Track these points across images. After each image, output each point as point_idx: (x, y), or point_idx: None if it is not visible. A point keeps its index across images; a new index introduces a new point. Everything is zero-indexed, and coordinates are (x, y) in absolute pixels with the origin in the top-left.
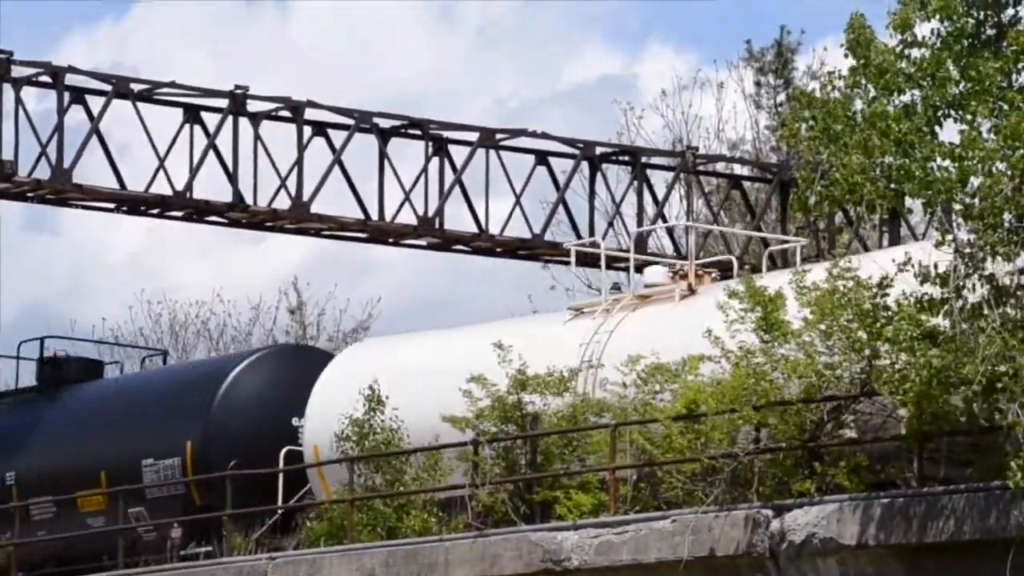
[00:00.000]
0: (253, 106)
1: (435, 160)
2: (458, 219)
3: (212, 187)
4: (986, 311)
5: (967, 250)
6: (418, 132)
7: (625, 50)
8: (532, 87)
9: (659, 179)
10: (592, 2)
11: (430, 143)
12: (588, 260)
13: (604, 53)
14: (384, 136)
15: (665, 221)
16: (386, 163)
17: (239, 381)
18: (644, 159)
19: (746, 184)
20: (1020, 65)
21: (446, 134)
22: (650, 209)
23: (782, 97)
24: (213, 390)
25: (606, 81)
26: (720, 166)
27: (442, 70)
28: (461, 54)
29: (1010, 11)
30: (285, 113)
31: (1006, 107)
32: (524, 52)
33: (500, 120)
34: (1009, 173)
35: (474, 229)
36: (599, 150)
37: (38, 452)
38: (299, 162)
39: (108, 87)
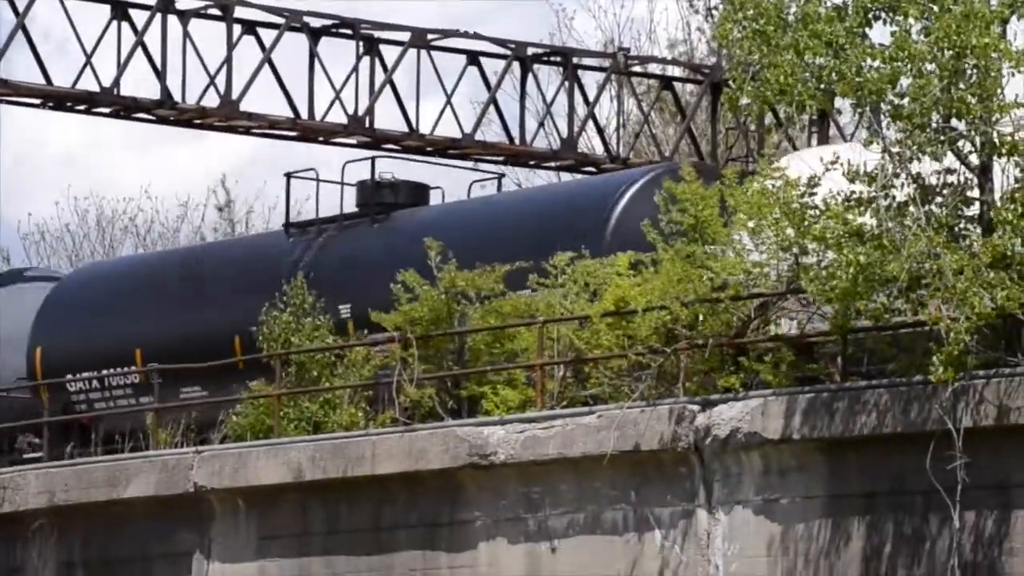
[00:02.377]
0: (182, 3)
1: (366, 60)
2: (390, 119)
3: (141, 85)
4: (912, 209)
5: (895, 150)
6: (349, 32)
7: None
8: None
9: (591, 80)
10: None
11: (361, 43)
12: (519, 160)
13: None
14: (315, 35)
15: (596, 122)
16: (316, 62)
17: (631, 209)
18: (576, 60)
19: (677, 85)
20: None
21: (377, 34)
22: (581, 110)
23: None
24: (603, 217)
25: None
26: (652, 67)
27: None
28: None
29: None
30: (215, 11)
31: (936, 9)
32: None
33: (446, 22)
34: (938, 74)
35: (405, 129)
36: (531, 51)
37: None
38: (228, 60)
39: None
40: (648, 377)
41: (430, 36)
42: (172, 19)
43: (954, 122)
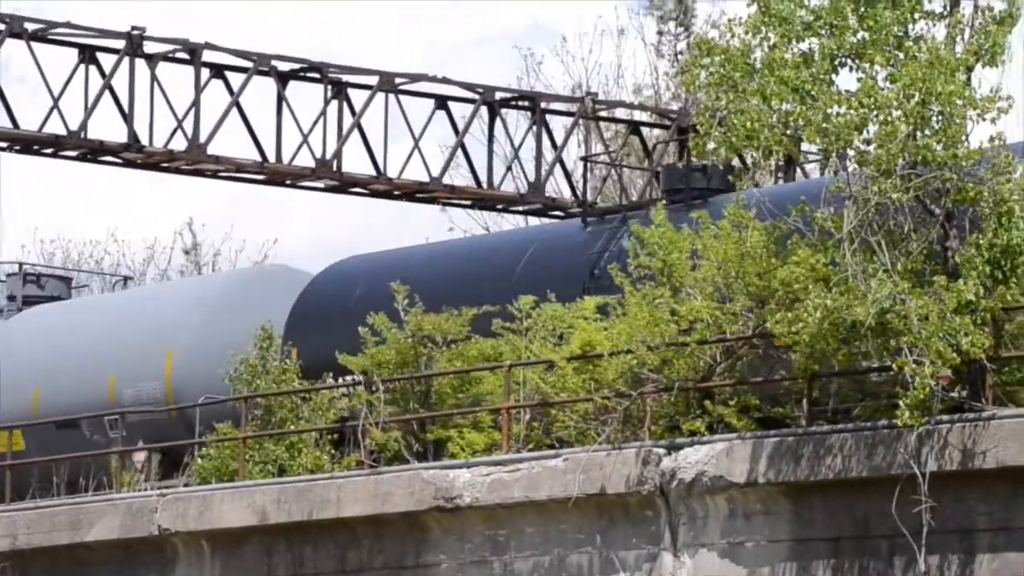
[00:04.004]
0: (150, 47)
1: (334, 103)
2: (358, 163)
3: (108, 128)
4: (877, 254)
5: (861, 195)
6: (317, 75)
7: None
8: (459, 32)
9: (559, 125)
10: None
11: (329, 86)
12: (486, 204)
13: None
14: (283, 79)
15: (563, 166)
16: (284, 106)
17: None
18: (544, 104)
19: (645, 130)
20: (916, 15)
21: (345, 78)
22: (549, 154)
23: (683, 45)
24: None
25: (533, 29)
26: (620, 112)
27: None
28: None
29: None
30: (183, 55)
31: (902, 56)
32: None
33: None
34: (904, 121)
35: (373, 172)
36: (499, 95)
37: None
38: (196, 104)
39: (2, 26)
40: (614, 420)
41: (398, 80)
42: (140, 63)
43: (920, 168)
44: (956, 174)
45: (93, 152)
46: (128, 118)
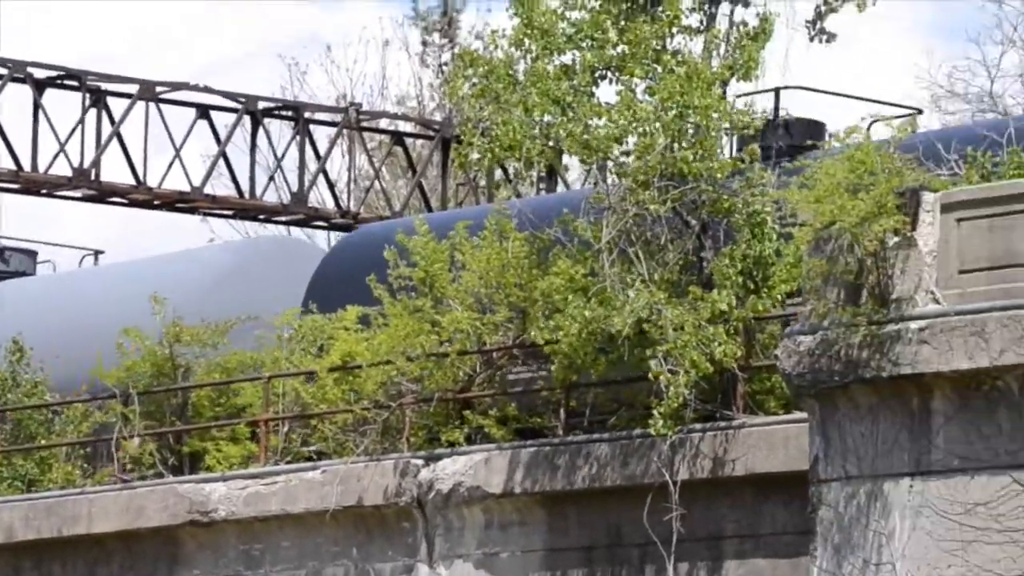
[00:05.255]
0: None
1: (93, 112)
2: (117, 172)
3: None
4: (635, 265)
5: (619, 206)
6: (75, 83)
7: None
8: (223, 42)
9: (322, 135)
10: None
11: (87, 94)
12: (247, 214)
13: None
14: (39, 86)
15: (327, 177)
16: (41, 114)
17: None
18: (307, 114)
19: (409, 141)
20: (674, 29)
21: (104, 86)
22: (312, 164)
23: (447, 56)
24: None
25: (299, 40)
26: (384, 123)
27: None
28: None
29: None
30: None
31: (660, 70)
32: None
33: (176, 75)
34: (662, 133)
35: (132, 182)
36: (262, 105)
37: None
38: None
39: None
40: (372, 432)
41: (159, 89)
42: None
43: (677, 180)
44: (711, 186)
45: None
46: None
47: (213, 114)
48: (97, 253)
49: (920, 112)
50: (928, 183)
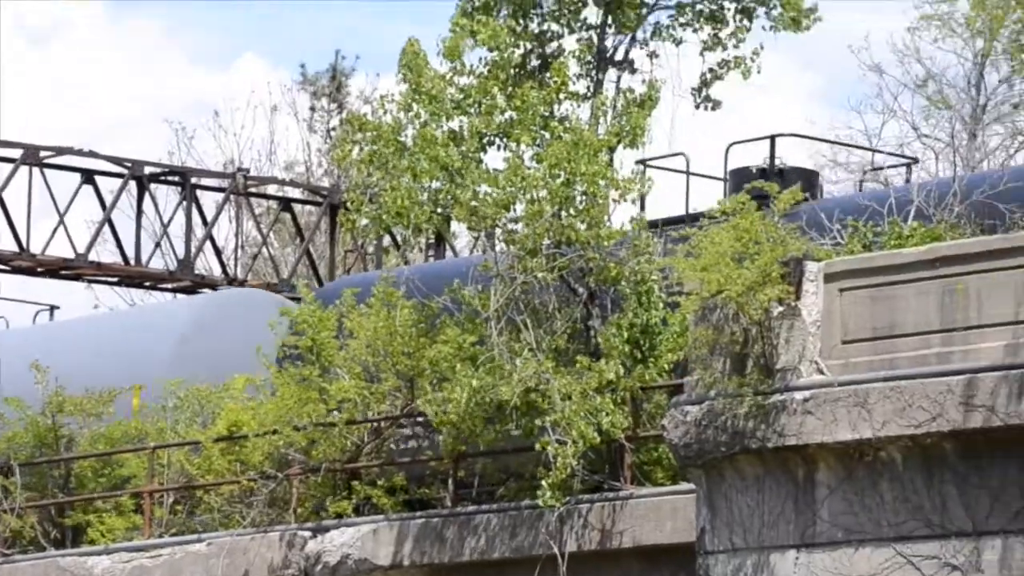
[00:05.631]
0: None
1: None
2: (1, 239)
3: None
4: (523, 333)
5: (507, 274)
6: None
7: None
8: (109, 106)
9: (210, 201)
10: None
11: None
12: (133, 281)
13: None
14: None
15: (214, 243)
16: None
17: None
18: (194, 180)
19: (297, 207)
20: (562, 96)
21: None
22: (199, 230)
23: (336, 121)
24: None
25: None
26: (271, 188)
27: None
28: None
29: (554, 44)
30: None
31: (548, 136)
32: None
33: (60, 139)
34: (550, 200)
35: (15, 248)
36: (148, 170)
37: None
38: None
39: None
40: (259, 503)
41: (43, 153)
42: None
43: (565, 248)
44: (598, 254)
45: None
46: None
47: (98, 179)
48: (53, 308)
49: (916, 161)
50: (812, 252)
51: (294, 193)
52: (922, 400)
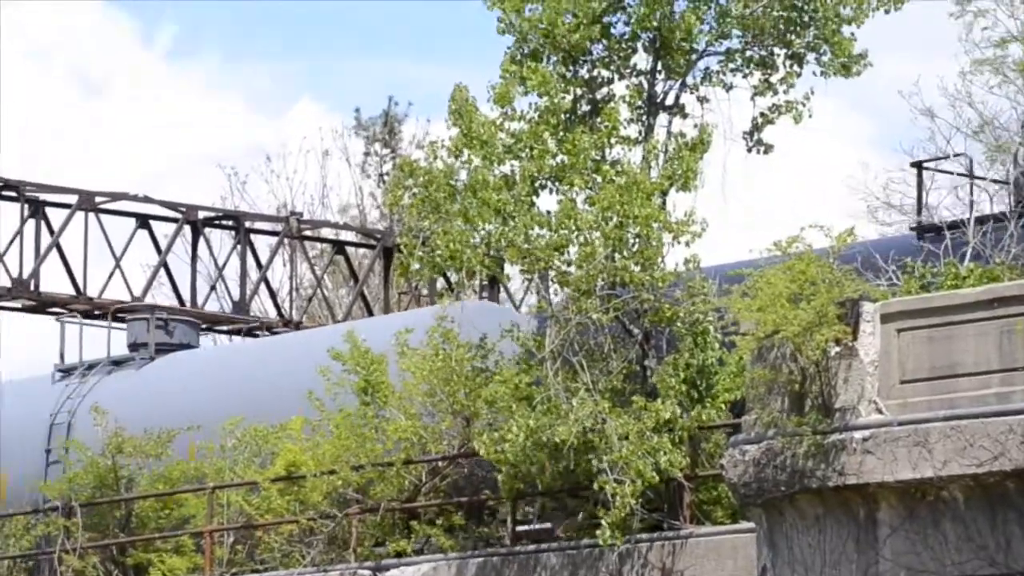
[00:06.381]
0: None
1: (31, 222)
2: (57, 282)
3: None
4: (579, 374)
5: (562, 315)
6: (14, 194)
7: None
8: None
9: (264, 244)
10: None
11: (26, 205)
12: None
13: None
14: None
15: (269, 286)
16: None
17: None
18: (248, 224)
19: (350, 250)
20: (613, 140)
21: (43, 196)
22: (254, 273)
23: (389, 166)
24: None
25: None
26: (325, 232)
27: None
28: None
29: (604, 89)
30: None
31: (600, 180)
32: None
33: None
34: (602, 242)
35: (72, 292)
36: (202, 214)
37: None
38: None
39: None
40: (319, 542)
41: (98, 199)
42: None
43: (619, 289)
44: (653, 295)
45: None
46: None
47: (153, 224)
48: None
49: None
50: (868, 293)
51: (348, 236)
52: (983, 439)
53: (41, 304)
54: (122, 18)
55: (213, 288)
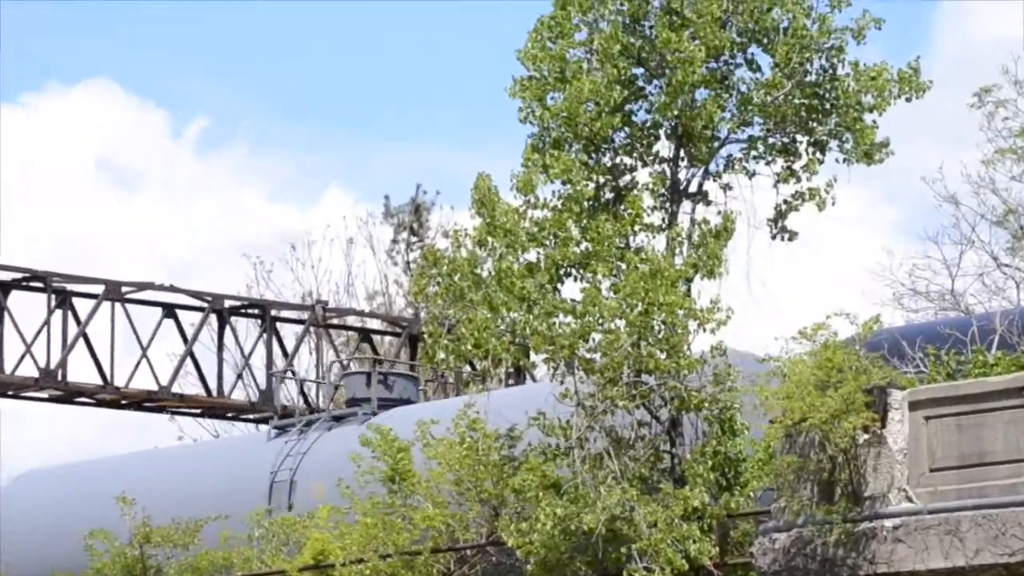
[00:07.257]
0: None
1: (58, 313)
2: (84, 372)
3: None
4: (606, 461)
5: (588, 403)
6: (40, 285)
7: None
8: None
9: (289, 332)
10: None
11: (53, 295)
12: (216, 413)
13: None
14: (4, 289)
15: (294, 374)
16: (6, 315)
17: None
18: (274, 312)
19: (376, 337)
20: (636, 227)
21: (70, 287)
22: (280, 361)
23: (416, 254)
24: None
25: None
26: (351, 320)
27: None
28: (137, 209)
29: (627, 177)
30: None
31: (624, 267)
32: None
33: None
34: (627, 330)
35: (99, 382)
36: (228, 303)
37: None
38: None
39: None
40: None
41: (125, 289)
42: None
43: (645, 376)
44: (679, 382)
45: None
46: None
47: (179, 313)
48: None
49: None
50: (895, 380)
51: (373, 324)
52: (1015, 528)
53: (68, 394)
54: (152, 110)
55: (240, 376)
